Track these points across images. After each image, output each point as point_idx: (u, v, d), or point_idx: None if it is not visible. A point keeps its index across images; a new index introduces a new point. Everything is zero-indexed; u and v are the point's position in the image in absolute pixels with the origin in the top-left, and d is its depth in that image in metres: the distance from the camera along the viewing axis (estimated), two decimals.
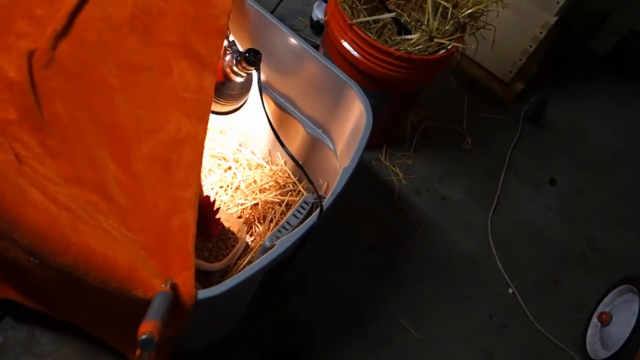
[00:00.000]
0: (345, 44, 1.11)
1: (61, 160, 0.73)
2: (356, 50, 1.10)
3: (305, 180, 1.15)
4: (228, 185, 1.19)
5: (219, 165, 1.22)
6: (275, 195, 1.15)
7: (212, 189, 1.17)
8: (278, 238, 0.79)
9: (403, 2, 1.25)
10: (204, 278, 0.96)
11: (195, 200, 0.74)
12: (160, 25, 0.88)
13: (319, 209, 0.76)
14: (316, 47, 1.37)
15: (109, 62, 0.82)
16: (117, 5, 0.87)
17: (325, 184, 1.06)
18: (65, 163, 0.73)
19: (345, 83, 0.93)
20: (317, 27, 1.59)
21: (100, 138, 0.77)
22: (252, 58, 0.89)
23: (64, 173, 0.73)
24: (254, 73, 0.95)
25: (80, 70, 0.80)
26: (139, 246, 0.69)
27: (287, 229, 0.81)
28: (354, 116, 0.94)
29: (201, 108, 0.83)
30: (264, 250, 0.78)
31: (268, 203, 1.14)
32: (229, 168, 1.21)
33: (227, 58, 0.94)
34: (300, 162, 1.14)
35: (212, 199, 0.87)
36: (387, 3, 1.21)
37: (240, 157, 1.23)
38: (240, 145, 1.24)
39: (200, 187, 0.76)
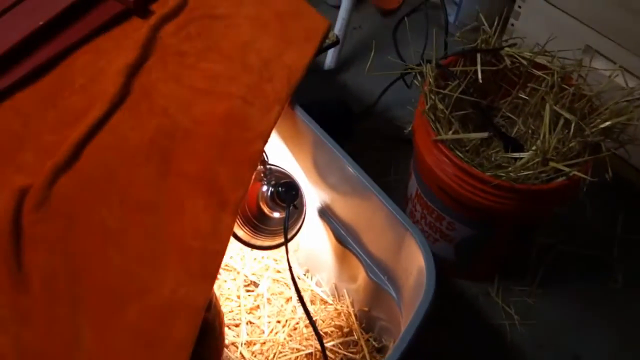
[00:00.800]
0: (431, 164, 0.92)
1: (28, 326, 0.65)
2: (443, 172, 0.90)
3: (375, 331, 0.97)
4: (287, 321, 1.05)
5: (280, 293, 1.09)
6: (335, 344, 0.98)
7: (269, 322, 1.05)
8: None
9: (521, 102, 1.03)
10: None
11: None
12: (182, 152, 0.79)
13: None
14: None
15: (112, 201, 0.74)
16: (138, 128, 0.80)
17: (390, 343, 0.87)
18: (31, 331, 0.65)
19: (406, 229, 0.75)
20: None
21: (82, 300, 0.68)
22: (283, 195, 0.75)
23: (26, 343, 0.64)
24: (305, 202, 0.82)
25: (75, 213, 0.72)
26: None
27: None
28: (415, 271, 0.74)
29: (209, 262, 0.71)
30: None
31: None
32: (290, 299, 1.08)
33: (264, 188, 0.81)
34: (366, 309, 0.97)
35: None
36: (499, 102, 1.01)
37: (303, 287, 1.09)
38: (305, 272, 1.10)
39: None
